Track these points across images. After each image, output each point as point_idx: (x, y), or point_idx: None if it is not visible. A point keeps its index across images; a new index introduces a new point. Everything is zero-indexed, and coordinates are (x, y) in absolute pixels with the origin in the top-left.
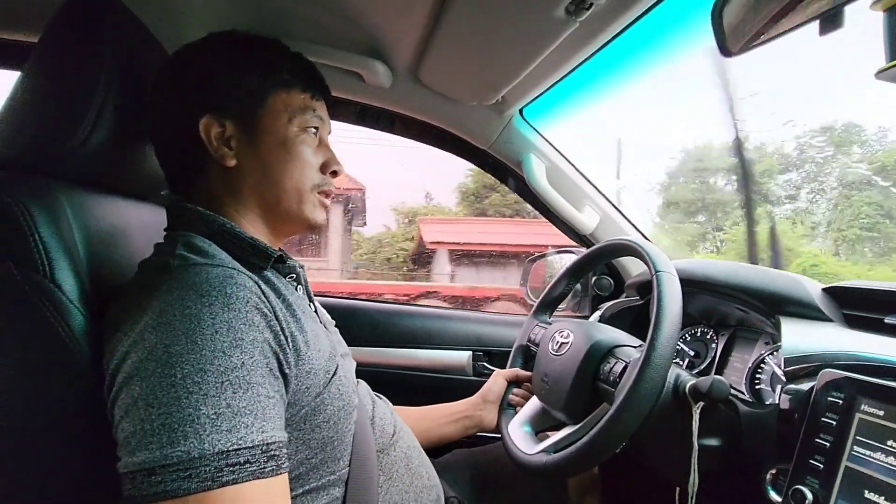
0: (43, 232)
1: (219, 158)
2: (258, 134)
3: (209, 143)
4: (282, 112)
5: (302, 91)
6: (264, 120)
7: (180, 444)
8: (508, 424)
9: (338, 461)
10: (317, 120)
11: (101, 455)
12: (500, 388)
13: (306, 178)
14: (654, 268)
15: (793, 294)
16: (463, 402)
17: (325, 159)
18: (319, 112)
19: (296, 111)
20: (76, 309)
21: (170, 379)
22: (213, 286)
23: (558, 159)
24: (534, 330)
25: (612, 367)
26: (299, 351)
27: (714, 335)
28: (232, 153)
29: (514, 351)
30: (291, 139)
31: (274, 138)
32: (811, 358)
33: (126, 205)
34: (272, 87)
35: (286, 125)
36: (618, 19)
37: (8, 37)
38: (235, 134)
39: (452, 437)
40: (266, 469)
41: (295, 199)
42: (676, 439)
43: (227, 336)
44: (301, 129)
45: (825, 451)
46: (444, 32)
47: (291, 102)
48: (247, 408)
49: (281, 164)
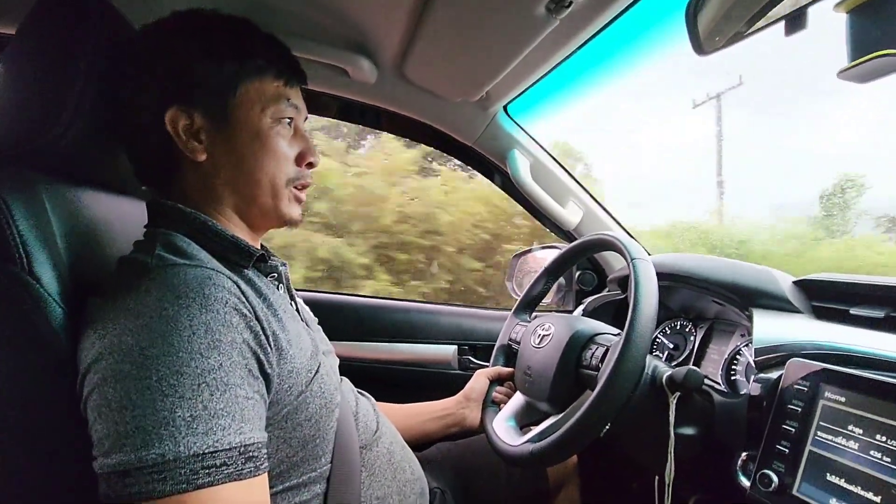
0: (20, 224)
1: (188, 153)
2: (229, 126)
3: (177, 136)
4: (254, 102)
5: (275, 78)
6: (235, 111)
7: (155, 446)
8: (493, 421)
9: (319, 458)
10: (291, 109)
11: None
12: (483, 386)
13: (281, 171)
14: (630, 255)
15: (765, 287)
16: (446, 401)
17: (301, 150)
18: (294, 100)
19: (269, 101)
20: (55, 303)
21: (145, 381)
22: (190, 287)
23: (542, 155)
24: (515, 329)
25: (594, 352)
26: (281, 350)
27: (693, 328)
28: (201, 147)
29: (496, 351)
30: (265, 131)
31: (246, 131)
32: (780, 348)
33: (106, 198)
34: (243, 75)
35: (259, 116)
36: (597, 17)
37: None
38: (204, 126)
39: (435, 436)
40: (244, 471)
41: (270, 194)
42: (654, 429)
43: (205, 338)
44: (275, 121)
45: (791, 436)
46: (429, 28)
47: (264, 91)
48: (224, 409)
49: (254, 158)
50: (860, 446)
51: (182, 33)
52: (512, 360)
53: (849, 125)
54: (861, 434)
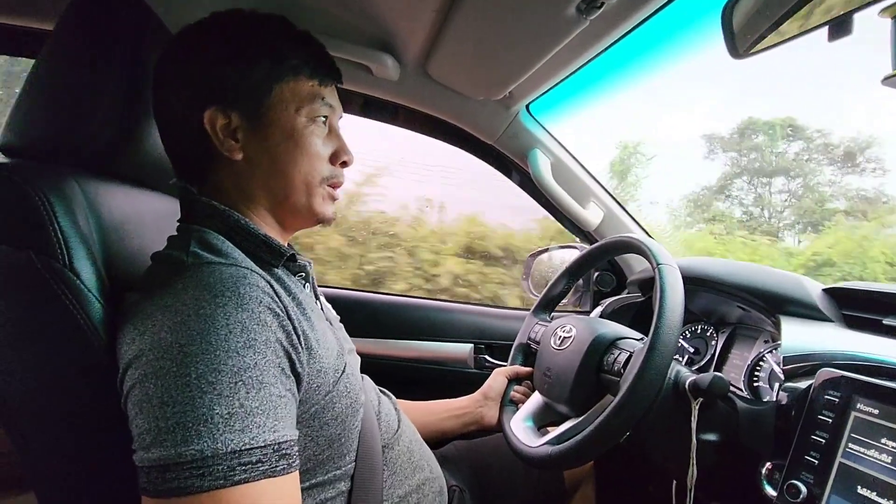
0: (62, 221)
1: (225, 151)
2: (265, 126)
3: (214, 135)
4: (289, 102)
5: (310, 77)
6: (270, 111)
7: (194, 442)
8: (510, 420)
9: (344, 457)
10: (326, 108)
11: (118, 443)
12: (501, 385)
13: (315, 170)
14: (656, 260)
15: (794, 294)
16: (464, 399)
17: (335, 149)
18: (329, 99)
19: (304, 100)
20: (94, 298)
21: (185, 378)
22: (226, 286)
23: (564, 155)
24: (534, 328)
25: (617, 357)
26: (311, 350)
27: (714, 333)
28: (238, 146)
29: (514, 349)
30: (300, 130)
31: (281, 130)
32: (810, 357)
33: (137, 193)
34: (278, 76)
35: (294, 116)
36: (628, 18)
37: (23, 24)
38: (241, 126)
39: (452, 433)
40: (278, 468)
41: (304, 192)
42: (675, 434)
43: (241, 336)
44: (309, 120)
45: (820, 447)
46: (455, 27)
47: (299, 91)
48: (259, 408)
49: (289, 157)
50: (893, 459)
51: (218, 35)
52: (530, 359)
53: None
54: (895, 447)
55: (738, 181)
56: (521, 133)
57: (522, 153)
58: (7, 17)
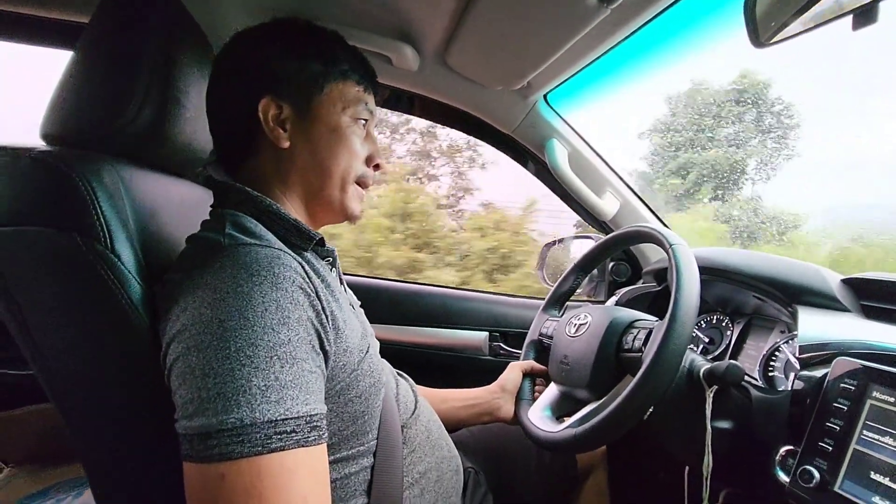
0: (103, 205)
1: (273, 139)
2: (312, 119)
3: (265, 122)
4: (337, 101)
5: (357, 83)
6: (319, 107)
7: (234, 411)
8: (528, 411)
9: (367, 434)
10: (367, 112)
11: (159, 417)
12: (518, 378)
13: (352, 167)
14: (668, 241)
15: (812, 284)
16: (480, 390)
17: (371, 152)
18: (370, 105)
19: (350, 102)
20: (134, 279)
21: (224, 351)
22: (262, 266)
23: (581, 145)
24: (545, 324)
25: (636, 335)
26: (338, 329)
27: (729, 323)
28: (286, 135)
29: (526, 346)
30: (343, 128)
31: (327, 125)
32: (827, 346)
33: (166, 180)
34: (330, 76)
35: (339, 114)
36: (649, 7)
37: (60, 17)
38: (291, 116)
39: (467, 423)
40: (310, 438)
41: (339, 187)
42: (689, 422)
43: (276, 314)
44: (352, 120)
45: (835, 434)
46: (474, 17)
47: (347, 93)
48: (292, 381)
49: (330, 151)
50: None
51: (281, 35)
52: (543, 354)
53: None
54: None
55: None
56: (539, 123)
57: (539, 143)
58: (45, 9)
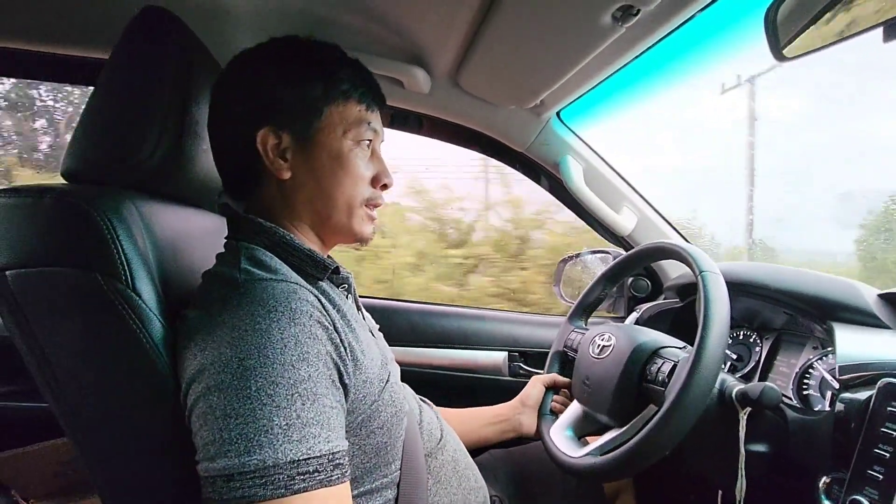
0: (124, 243)
1: (274, 171)
2: (312, 147)
3: (265, 155)
4: (337, 125)
5: (358, 102)
6: (320, 133)
7: (256, 452)
8: (550, 429)
9: (390, 465)
10: (370, 132)
11: (180, 456)
12: (539, 393)
13: (357, 192)
14: (699, 268)
15: (848, 300)
16: (502, 406)
17: (377, 172)
18: (374, 124)
19: (351, 124)
20: (155, 317)
21: (245, 391)
22: (279, 301)
23: (595, 161)
24: (570, 335)
25: (661, 367)
26: (357, 361)
27: (758, 338)
28: (287, 165)
29: (551, 357)
30: (345, 153)
31: (328, 152)
32: (869, 366)
33: (184, 211)
34: (329, 99)
35: (340, 139)
36: (663, 24)
37: (80, 53)
38: (291, 146)
39: (490, 441)
40: (333, 477)
41: (345, 213)
42: (721, 444)
43: (295, 350)
44: (355, 143)
45: (885, 461)
46: (487, 39)
47: (347, 115)
48: (314, 418)
49: (333, 178)
50: None
51: (275, 58)
52: (567, 367)
53: None
54: None
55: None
56: (553, 140)
57: (554, 160)
58: (65, 47)
